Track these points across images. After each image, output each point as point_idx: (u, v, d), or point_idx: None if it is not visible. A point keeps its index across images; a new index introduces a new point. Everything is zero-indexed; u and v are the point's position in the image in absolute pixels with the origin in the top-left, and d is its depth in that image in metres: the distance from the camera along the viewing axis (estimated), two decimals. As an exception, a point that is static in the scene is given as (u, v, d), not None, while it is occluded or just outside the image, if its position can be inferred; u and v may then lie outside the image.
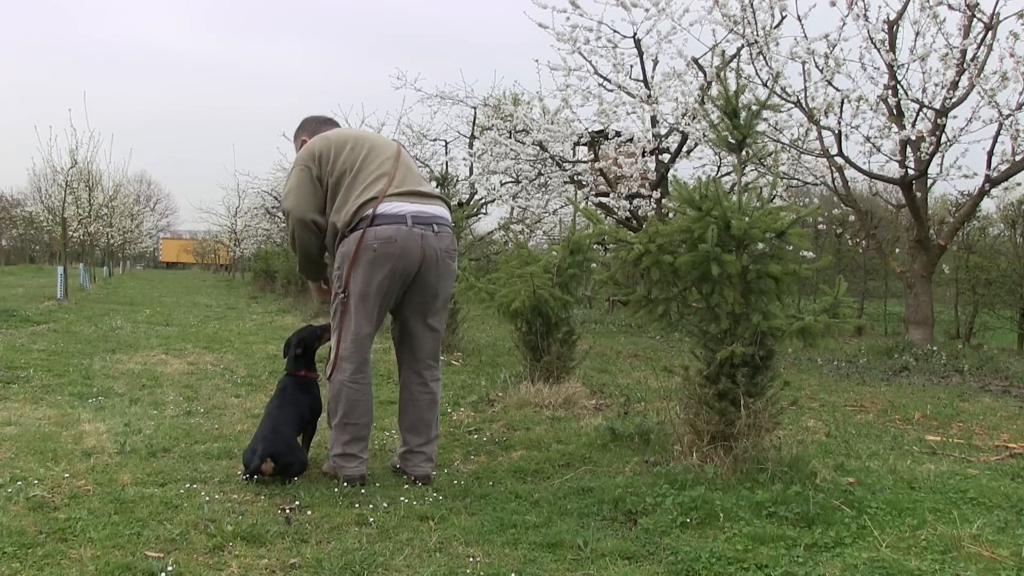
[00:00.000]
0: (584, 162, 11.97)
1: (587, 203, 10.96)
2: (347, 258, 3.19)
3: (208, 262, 50.51)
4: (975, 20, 7.66)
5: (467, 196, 13.75)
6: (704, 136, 9.23)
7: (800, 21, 8.14)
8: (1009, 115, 7.47)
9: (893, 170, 8.76)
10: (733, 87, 3.41)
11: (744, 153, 3.48)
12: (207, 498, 2.99)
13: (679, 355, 7.61)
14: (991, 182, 8.15)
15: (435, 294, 3.32)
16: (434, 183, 7.51)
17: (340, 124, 3.63)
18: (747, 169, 7.79)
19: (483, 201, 14.09)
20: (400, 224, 3.13)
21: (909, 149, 8.52)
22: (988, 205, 13.31)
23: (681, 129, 9.90)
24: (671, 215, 4.82)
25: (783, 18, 8.31)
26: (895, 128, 8.11)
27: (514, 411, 4.70)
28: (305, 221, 3.27)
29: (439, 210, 3.27)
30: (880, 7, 8.48)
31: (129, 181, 33.44)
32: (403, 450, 3.41)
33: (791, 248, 3.31)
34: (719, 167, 11.69)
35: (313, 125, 3.61)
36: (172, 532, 2.63)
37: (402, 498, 3.05)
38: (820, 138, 8.77)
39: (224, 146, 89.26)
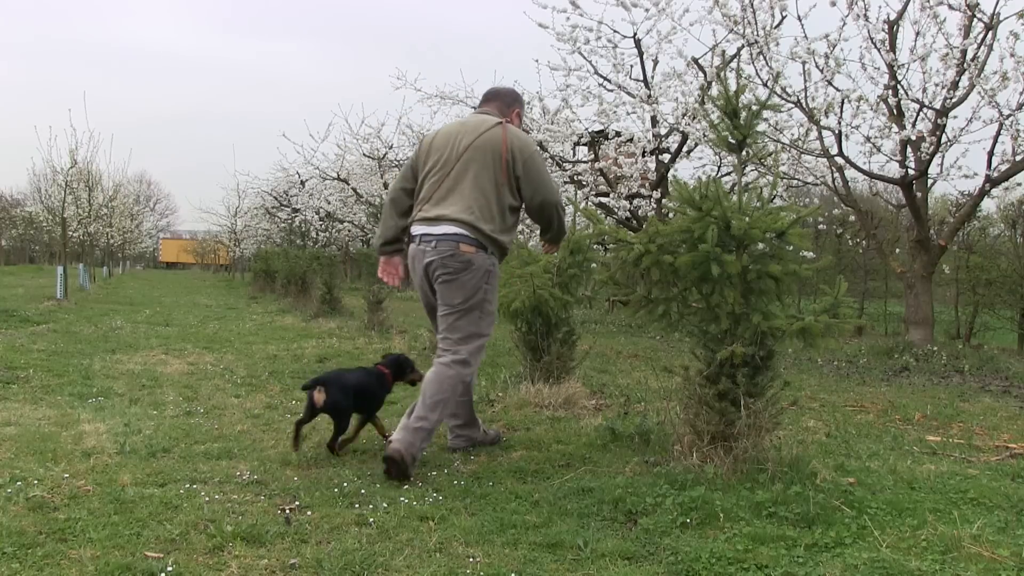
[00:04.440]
0: (584, 162, 11.96)
1: (587, 203, 10.95)
2: None
3: (208, 262, 50.51)
4: (975, 20, 7.65)
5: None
6: (704, 136, 9.22)
7: (800, 21, 8.14)
8: (1009, 115, 7.46)
9: (893, 170, 8.75)
10: (733, 87, 3.41)
11: (744, 153, 3.48)
12: (207, 498, 2.99)
13: (679, 355, 7.61)
14: (991, 182, 8.14)
15: (440, 299, 3.62)
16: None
17: (490, 103, 3.87)
18: (747, 169, 7.80)
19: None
20: (413, 243, 3.69)
21: (909, 149, 8.50)
22: (988, 205, 13.34)
23: (681, 129, 9.90)
24: (671, 215, 4.82)
25: (783, 18, 8.31)
26: (895, 128, 8.10)
27: (514, 411, 4.70)
28: (393, 196, 3.83)
29: (445, 228, 3.56)
30: (880, 7, 8.49)
31: (129, 181, 33.52)
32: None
33: (791, 248, 3.31)
34: (719, 167, 11.68)
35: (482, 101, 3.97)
36: (172, 532, 2.63)
37: (402, 498, 3.05)
38: (820, 138, 8.76)
39: (224, 146, 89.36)
